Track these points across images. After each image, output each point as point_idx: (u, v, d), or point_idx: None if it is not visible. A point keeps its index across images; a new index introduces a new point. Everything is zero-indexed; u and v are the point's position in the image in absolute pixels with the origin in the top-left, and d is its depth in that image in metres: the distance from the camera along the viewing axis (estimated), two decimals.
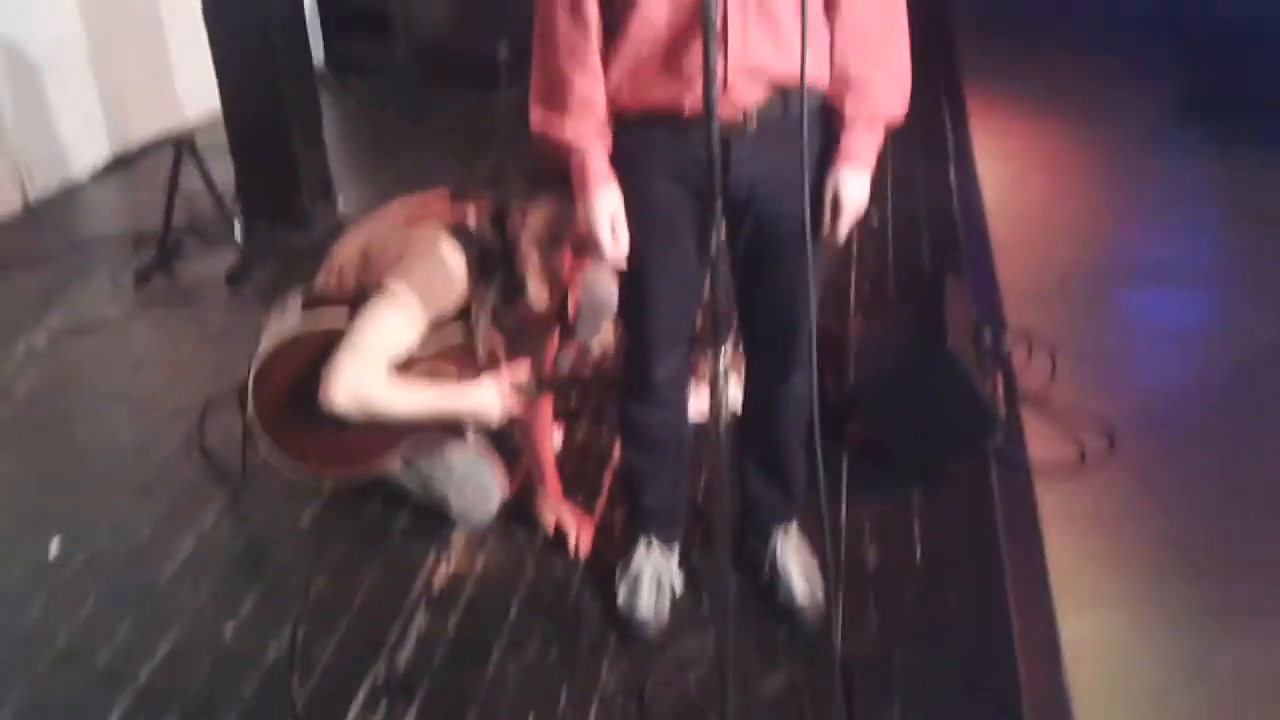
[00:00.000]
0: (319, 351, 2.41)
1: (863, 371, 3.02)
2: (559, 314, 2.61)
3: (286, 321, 2.53)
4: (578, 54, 1.99)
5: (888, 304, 3.47)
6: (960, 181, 4.43)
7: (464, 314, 2.48)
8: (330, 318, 2.46)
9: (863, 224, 2.14)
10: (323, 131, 4.51)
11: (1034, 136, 4.87)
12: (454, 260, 2.40)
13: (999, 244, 3.97)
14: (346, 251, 2.54)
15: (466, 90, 5.72)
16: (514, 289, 2.50)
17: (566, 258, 2.51)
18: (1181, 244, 4.09)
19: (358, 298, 2.43)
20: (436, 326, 2.45)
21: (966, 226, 4.08)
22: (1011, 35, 5.88)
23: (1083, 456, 2.99)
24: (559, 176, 2.12)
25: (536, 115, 2.06)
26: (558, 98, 2.02)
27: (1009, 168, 4.59)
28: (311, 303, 2.54)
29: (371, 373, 2.35)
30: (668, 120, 2.00)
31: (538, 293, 2.51)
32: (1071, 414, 3.13)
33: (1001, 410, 2.98)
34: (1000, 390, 3.13)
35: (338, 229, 4.36)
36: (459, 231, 2.44)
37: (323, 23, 6.22)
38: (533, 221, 2.45)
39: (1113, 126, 4.91)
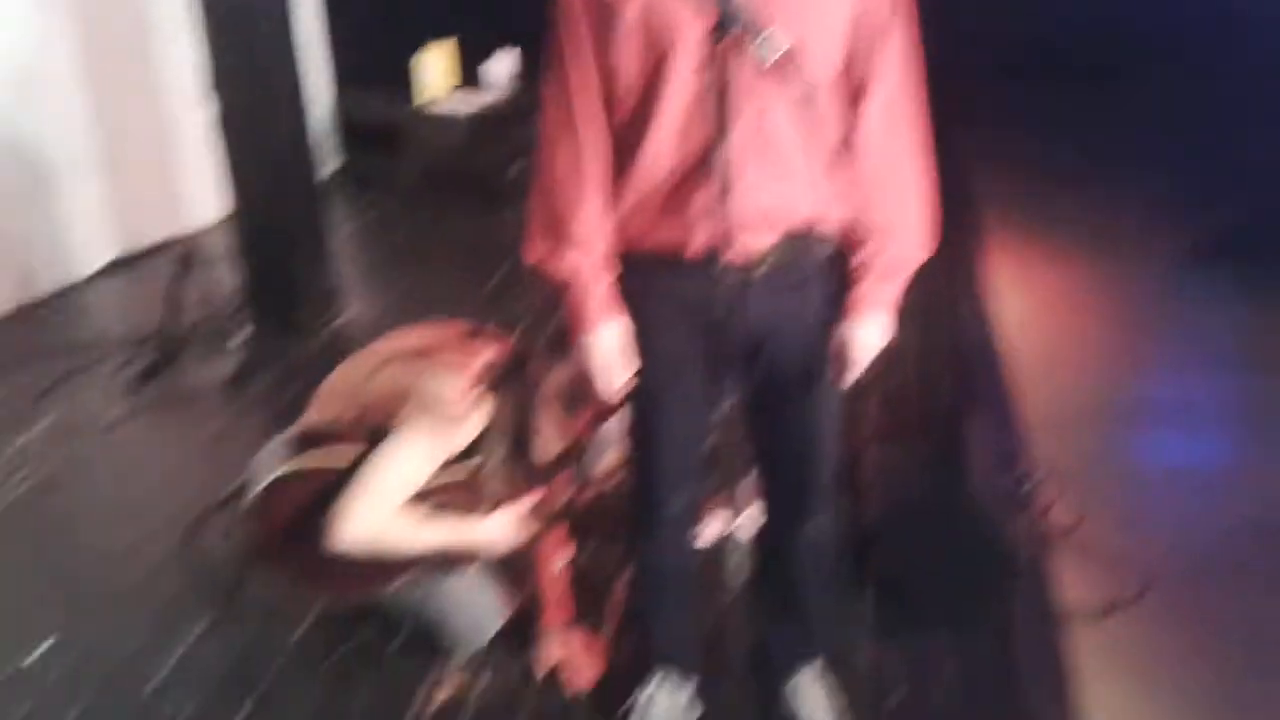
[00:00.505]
0: (320, 489, 2.33)
1: (882, 507, 2.93)
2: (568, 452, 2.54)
3: (279, 458, 2.44)
4: (581, 188, 1.95)
5: (905, 433, 3.37)
6: (978, 311, 4.37)
7: (474, 448, 2.40)
8: (333, 455, 2.36)
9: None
10: (330, 242, 4.48)
11: (1053, 270, 4.83)
12: (471, 403, 2.33)
13: (1018, 377, 3.89)
14: (350, 382, 2.46)
15: (477, 207, 5.70)
16: (525, 438, 2.43)
17: (584, 417, 2.46)
18: (1205, 385, 4.01)
19: (371, 435, 2.34)
20: (446, 462, 2.37)
21: (985, 356, 4.01)
22: (1030, 163, 5.89)
23: (1112, 603, 2.88)
24: None
25: (535, 247, 2.01)
26: (558, 231, 1.97)
27: (1028, 302, 4.54)
28: (308, 438, 2.45)
29: (383, 515, 2.28)
30: (671, 263, 1.95)
31: (547, 448, 2.45)
32: (1099, 557, 3.02)
33: (1026, 552, 2.88)
34: (1025, 530, 3.03)
35: (340, 340, 4.32)
36: (478, 373, 2.37)
37: (340, 136, 6.25)
38: (557, 376, 2.40)
39: (1136, 262, 4.87)
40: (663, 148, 1.88)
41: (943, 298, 4.38)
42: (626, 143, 1.92)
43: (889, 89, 1.94)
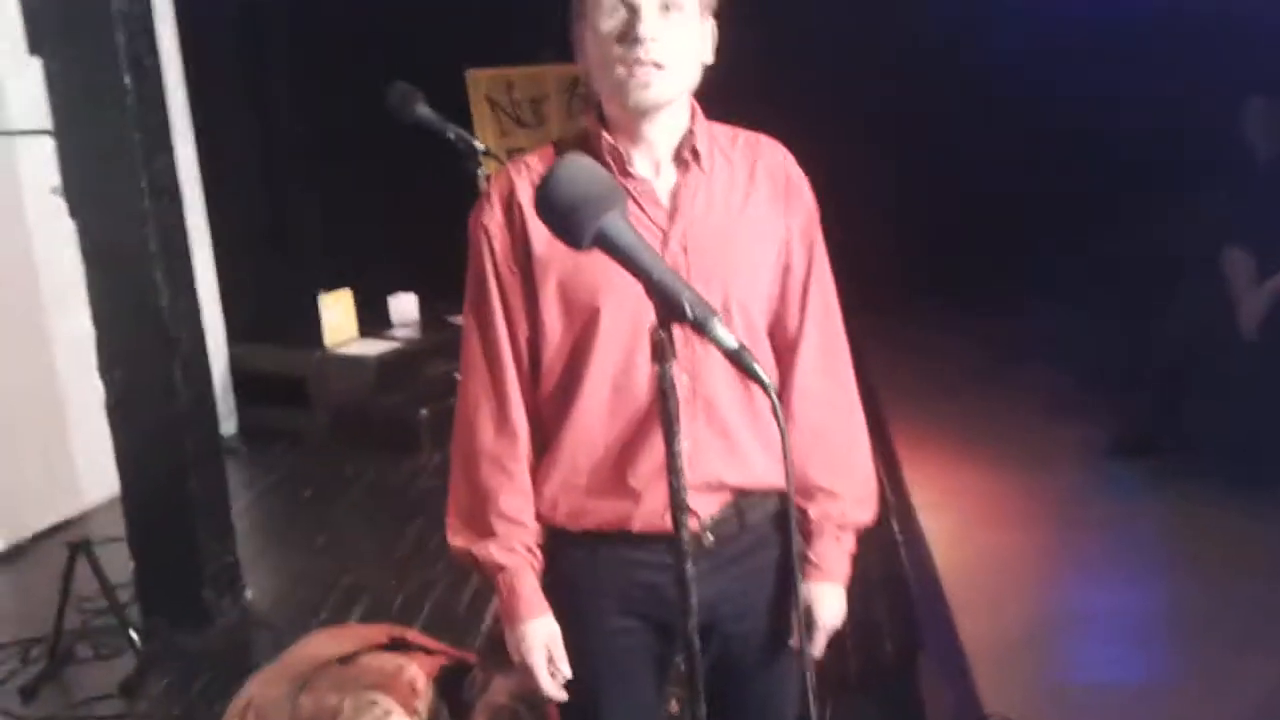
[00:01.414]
0: None
1: None
2: None
3: None
4: (504, 468, 1.82)
5: (852, 690, 3.19)
6: (905, 536, 4.27)
7: None
8: None
9: None
10: (230, 515, 4.26)
11: (971, 483, 4.76)
12: None
13: (956, 605, 3.76)
14: (266, 708, 2.24)
15: (387, 455, 5.54)
16: None
17: None
18: (1134, 592, 3.91)
19: None
20: None
21: (922, 589, 3.88)
22: (933, 374, 5.91)
23: None
24: None
25: (458, 535, 1.86)
26: (481, 517, 1.82)
27: (951, 520, 4.45)
28: None
29: None
30: (612, 541, 1.81)
31: None
32: None
33: None
34: None
35: (246, 625, 4.07)
36: (404, 701, 2.16)
37: (236, 391, 6.09)
38: (495, 694, 2.20)
39: (1049, 466, 4.84)
40: (594, 419, 1.78)
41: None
42: (554, 414, 1.81)
43: (820, 333, 1.88)
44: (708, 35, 1.78)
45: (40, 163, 4.39)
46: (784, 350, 1.87)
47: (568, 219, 1.41)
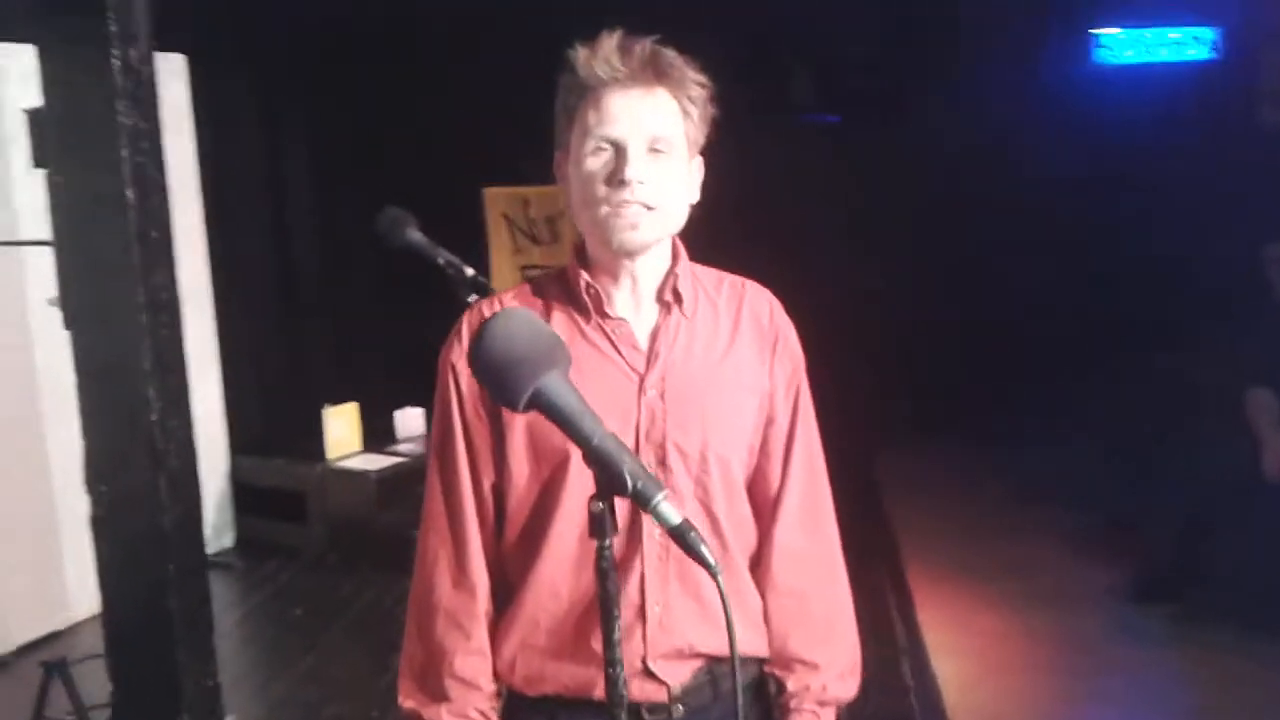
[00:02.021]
0: None
1: None
2: None
3: None
4: (460, 625, 1.71)
5: None
6: (916, 680, 4.09)
7: None
8: None
9: None
10: (213, 637, 4.11)
11: (987, 626, 4.58)
12: None
13: None
14: None
15: (384, 574, 5.40)
16: None
17: None
18: None
19: None
20: None
21: None
22: (949, 512, 5.76)
23: None
24: None
25: (409, 697, 1.74)
26: (434, 678, 1.71)
27: (965, 665, 4.27)
28: None
29: None
30: (572, 708, 1.69)
31: None
32: None
33: None
34: None
35: None
36: None
37: (236, 504, 6.00)
38: None
39: (1068, 610, 4.67)
40: (559, 573, 1.67)
41: (873, 659, 4.11)
42: (517, 567, 1.71)
43: (804, 490, 1.77)
44: (695, 174, 1.72)
45: (46, 274, 4.36)
46: (764, 506, 1.77)
47: (502, 378, 1.33)
